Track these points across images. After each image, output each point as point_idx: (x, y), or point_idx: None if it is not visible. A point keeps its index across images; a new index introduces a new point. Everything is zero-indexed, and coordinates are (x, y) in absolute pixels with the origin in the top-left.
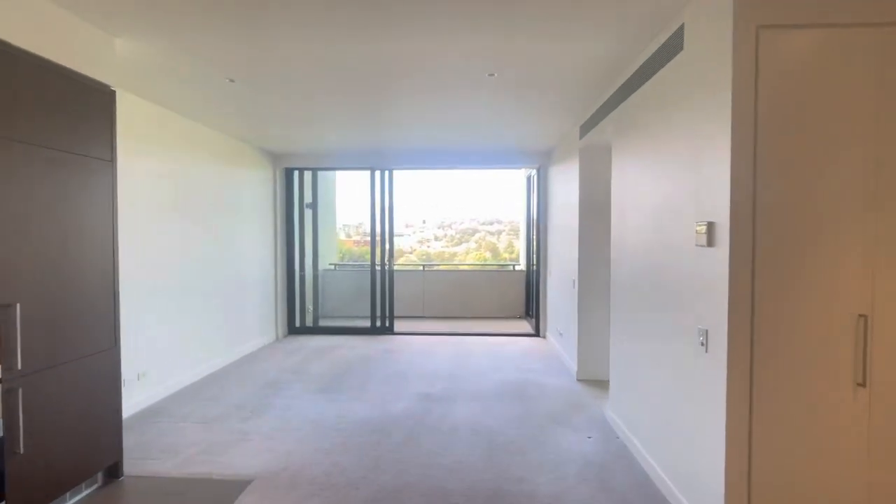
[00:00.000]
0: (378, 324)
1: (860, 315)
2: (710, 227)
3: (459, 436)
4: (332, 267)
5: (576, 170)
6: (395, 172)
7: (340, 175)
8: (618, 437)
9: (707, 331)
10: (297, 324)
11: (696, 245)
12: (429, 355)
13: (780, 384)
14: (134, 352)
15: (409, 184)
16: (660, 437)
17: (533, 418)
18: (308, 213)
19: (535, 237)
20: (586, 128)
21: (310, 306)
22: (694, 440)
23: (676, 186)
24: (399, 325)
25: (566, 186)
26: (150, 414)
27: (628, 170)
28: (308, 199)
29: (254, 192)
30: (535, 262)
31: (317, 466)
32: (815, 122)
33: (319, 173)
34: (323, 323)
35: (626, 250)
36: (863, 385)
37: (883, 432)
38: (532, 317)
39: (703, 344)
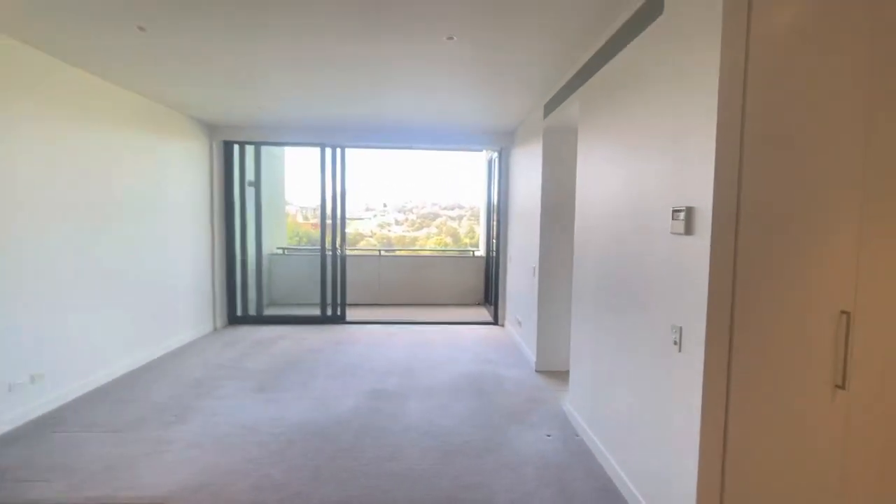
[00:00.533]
0: (329, 312)
1: (842, 312)
2: (689, 212)
3: (412, 438)
4: (281, 251)
5: (539, 151)
6: (350, 151)
7: (292, 152)
8: (577, 436)
9: (681, 328)
10: (239, 313)
11: (672, 233)
12: (382, 346)
13: (757, 388)
14: (26, 351)
15: (369, 165)
16: (623, 440)
17: (490, 415)
18: (252, 192)
19: (495, 222)
20: (551, 106)
21: (253, 294)
22: (662, 445)
23: (651, 168)
24: (352, 314)
25: (528, 169)
26: (47, 423)
27: (596, 150)
28: (251, 176)
29: (185, 165)
30: (494, 249)
31: (244, 480)
32: (808, 98)
33: (265, 149)
34: (270, 312)
35: (592, 237)
36: (842, 387)
37: (860, 441)
38: (491, 304)
39: (676, 343)
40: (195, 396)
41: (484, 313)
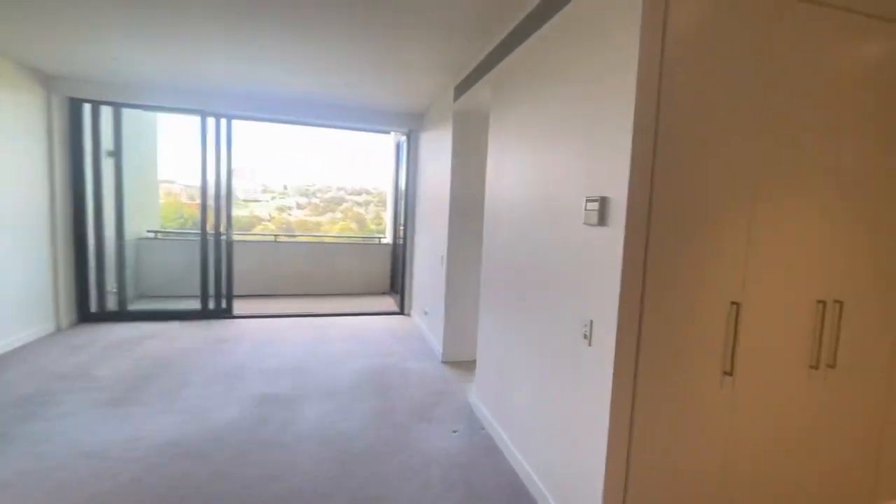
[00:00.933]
0: (211, 306)
1: (733, 303)
2: (603, 203)
3: (305, 449)
4: (153, 235)
5: (449, 136)
6: (239, 123)
7: (172, 120)
8: (483, 429)
9: (592, 321)
10: (94, 309)
11: (584, 224)
12: (275, 343)
13: (661, 379)
14: None
15: (267, 142)
16: (530, 434)
17: (394, 414)
18: (112, 165)
19: (402, 209)
20: (462, 88)
21: (114, 286)
22: (569, 440)
23: (564, 157)
24: (241, 307)
25: (438, 153)
26: None
27: (508, 136)
28: (110, 144)
29: (6, 125)
30: (402, 236)
31: None
32: (711, 92)
33: (127, 112)
34: (137, 307)
35: (502, 226)
36: (729, 374)
37: (741, 424)
38: (398, 294)
39: (586, 337)
40: (18, 418)
41: (390, 303)
